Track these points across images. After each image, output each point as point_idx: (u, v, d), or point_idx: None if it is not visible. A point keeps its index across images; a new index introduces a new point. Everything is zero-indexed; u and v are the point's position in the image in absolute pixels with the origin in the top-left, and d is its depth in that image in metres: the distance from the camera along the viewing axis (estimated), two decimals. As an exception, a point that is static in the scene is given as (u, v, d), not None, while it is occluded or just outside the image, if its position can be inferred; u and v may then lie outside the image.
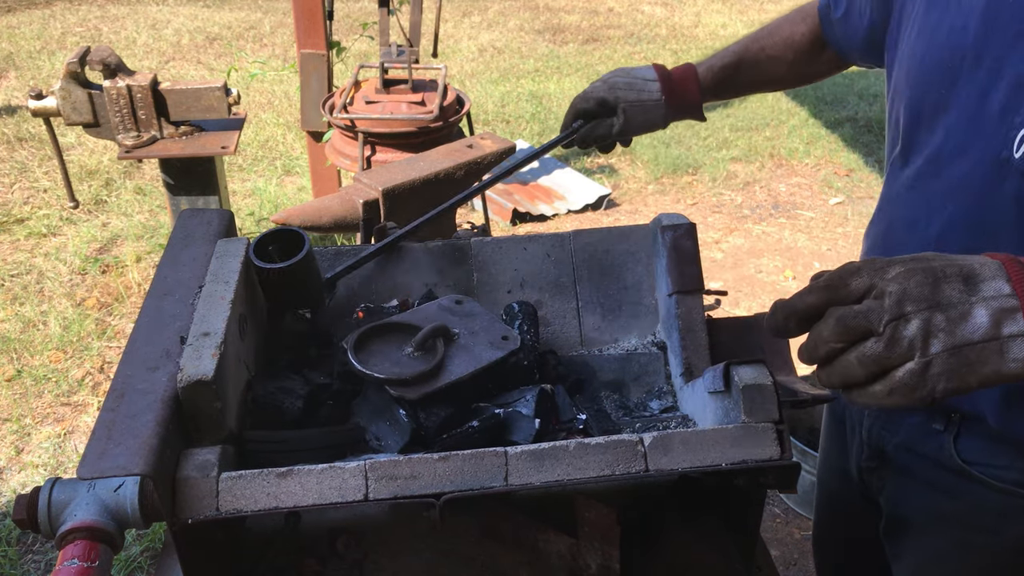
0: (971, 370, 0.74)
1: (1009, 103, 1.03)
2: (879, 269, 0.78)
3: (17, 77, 6.56)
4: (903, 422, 1.33)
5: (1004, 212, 1.06)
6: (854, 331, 0.76)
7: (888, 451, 1.37)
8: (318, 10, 3.75)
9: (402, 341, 1.29)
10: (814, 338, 0.80)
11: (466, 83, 6.88)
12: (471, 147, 2.29)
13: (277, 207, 4.67)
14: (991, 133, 1.06)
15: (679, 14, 9.36)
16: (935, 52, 1.15)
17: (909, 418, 1.31)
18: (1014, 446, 1.19)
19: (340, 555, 1.24)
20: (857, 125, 6.13)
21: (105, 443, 0.97)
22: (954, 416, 1.24)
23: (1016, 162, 1.01)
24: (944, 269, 0.76)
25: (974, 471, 1.23)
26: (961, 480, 1.25)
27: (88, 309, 3.78)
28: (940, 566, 1.33)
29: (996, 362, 0.74)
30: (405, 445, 1.20)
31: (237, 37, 7.87)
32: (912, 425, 1.31)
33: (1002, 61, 1.04)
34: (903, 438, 1.33)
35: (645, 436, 1.08)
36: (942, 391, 0.74)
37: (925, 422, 1.28)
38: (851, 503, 1.52)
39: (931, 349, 0.74)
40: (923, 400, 0.75)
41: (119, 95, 2.88)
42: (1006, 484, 1.21)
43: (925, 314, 0.74)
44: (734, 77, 1.67)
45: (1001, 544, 1.25)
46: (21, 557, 2.63)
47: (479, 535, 1.25)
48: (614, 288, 1.53)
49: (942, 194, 1.16)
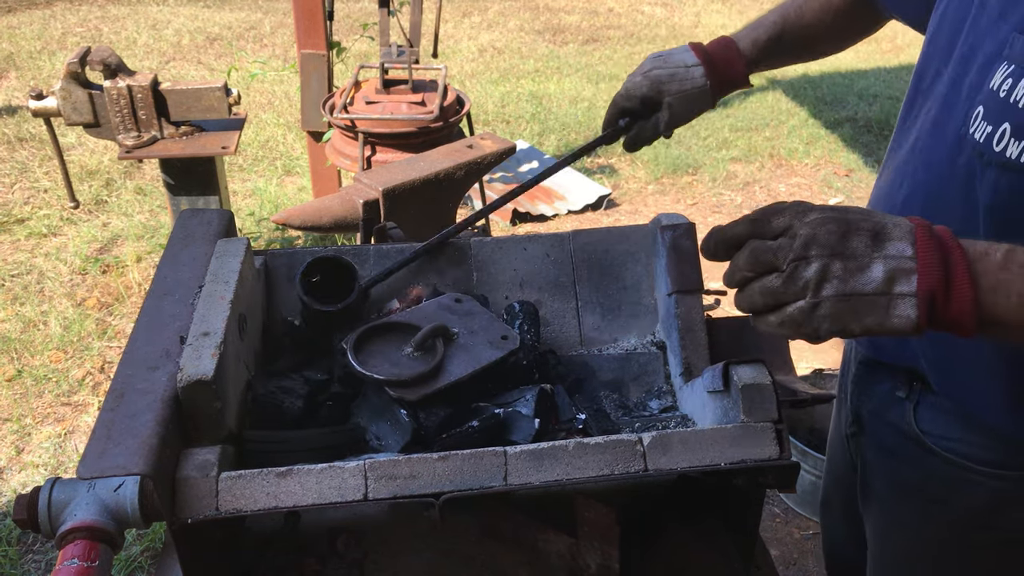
0: (855, 318, 0.81)
1: (975, 82, 1.05)
2: (800, 212, 0.84)
3: (17, 77, 6.56)
4: (875, 389, 1.35)
5: (956, 187, 1.07)
6: (763, 264, 0.84)
7: (864, 417, 1.40)
8: (318, 10, 3.75)
9: (402, 341, 1.29)
10: (733, 265, 0.89)
11: (466, 83, 6.88)
12: (471, 147, 2.29)
13: (277, 207, 4.67)
14: (958, 111, 1.08)
15: (679, 14, 9.36)
16: (943, 25, 1.17)
17: (880, 385, 1.34)
18: (963, 419, 1.21)
19: (340, 555, 1.24)
20: (857, 125, 6.13)
21: (105, 443, 0.97)
22: (915, 385, 1.26)
23: (970, 138, 1.02)
24: (858, 223, 0.83)
25: (928, 441, 1.25)
26: (919, 449, 1.27)
27: (88, 309, 3.78)
28: (901, 532, 1.36)
29: (881, 315, 0.81)
30: (406, 445, 1.20)
31: (237, 37, 7.87)
32: (882, 392, 1.34)
33: (982, 39, 1.06)
34: (875, 404, 1.36)
35: (644, 436, 1.08)
36: (826, 331, 0.82)
37: (891, 390, 1.31)
38: (844, 469, 1.55)
39: (823, 292, 0.81)
40: (808, 336, 0.83)
41: (119, 95, 2.88)
42: (956, 457, 1.23)
43: (826, 260, 0.81)
44: (777, 48, 1.58)
45: (955, 513, 1.27)
46: (21, 557, 2.63)
47: (479, 535, 1.25)
48: (613, 288, 1.53)
49: (913, 167, 1.19)
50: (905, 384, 1.28)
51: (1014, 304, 0.80)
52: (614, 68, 7.37)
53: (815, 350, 3.68)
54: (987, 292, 0.80)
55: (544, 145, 5.67)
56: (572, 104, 6.43)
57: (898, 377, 1.29)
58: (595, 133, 5.92)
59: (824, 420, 3.03)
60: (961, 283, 0.79)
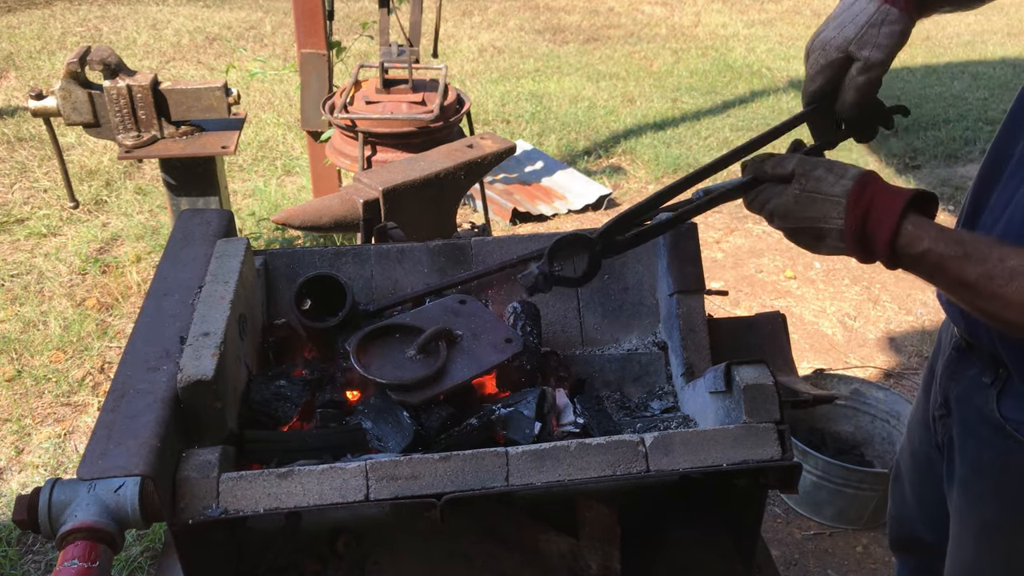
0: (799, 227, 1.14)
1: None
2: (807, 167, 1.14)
3: (17, 77, 6.56)
4: (965, 373, 1.38)
5: None
6: (776, 177, 1.18)
7: (951, 400, 1.42)
8: (318, 10, 3.74)
9: (404, 343, 1.29)
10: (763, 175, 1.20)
11: (466, 83, 6.87)
12: (471, 147, 2.29)
13: (277, 207, 4.67)
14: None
15: (679, 14, 9.36)
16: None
17: (970, 369, 1.36)
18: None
19: (340, 555, 1.24)
20: (857, 125, 6.13)
21: (105, 443, 0.97)
22: (1001, 372, 1.29)
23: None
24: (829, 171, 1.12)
25: (1009, 427, 1.28)
26: (999, 434, 1.30)
27: (88, 309, 3.77)
28: (979, 513, 1.39)
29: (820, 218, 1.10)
30: (407, 446, 1.20)
31: (237, 37, 7.87)
32: (970, 378, 1.36)
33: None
34: (962, 389, 1.39)
35: (646, 436, 1.08)
36: (776, 225, 1.18)
37: (979, 375, 1.34)
38: (923, 449, 1.59)
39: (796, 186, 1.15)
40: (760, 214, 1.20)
41: (119, 95, 2.87)
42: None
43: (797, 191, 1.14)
44: None
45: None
46: (21, 557, 2.63)
47: (480, 535, 1.25)
48: (615, 288, 1.52)
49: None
50: (991, 370, 1.31)
51: (917, 253, 1.04)
52: (614, 67, 7.36)
53: (816, 350, 3.68)
54: (903, 243, 1.05)
55: (544, 145, 5.66)
56: (572, 104, 6.43)
57: (986, 363, 1.32)
58: (595, 132, 5.94)
59: (825, 421, 3.03)
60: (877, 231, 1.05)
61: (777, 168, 1.17)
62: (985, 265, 1.01)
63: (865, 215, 1.06)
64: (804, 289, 4.15)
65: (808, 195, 1.11)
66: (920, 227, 1.05)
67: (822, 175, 1.11)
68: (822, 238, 1.12)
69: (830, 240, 1.11)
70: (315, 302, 1.36)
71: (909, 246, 1.05)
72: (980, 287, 1.02)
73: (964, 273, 1.03)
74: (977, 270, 1.02)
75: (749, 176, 1.20)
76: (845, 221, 1.08)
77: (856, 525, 2.80)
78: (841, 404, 2.99)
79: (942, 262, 1.04)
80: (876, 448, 2.95)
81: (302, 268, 1.47)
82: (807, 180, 1.12)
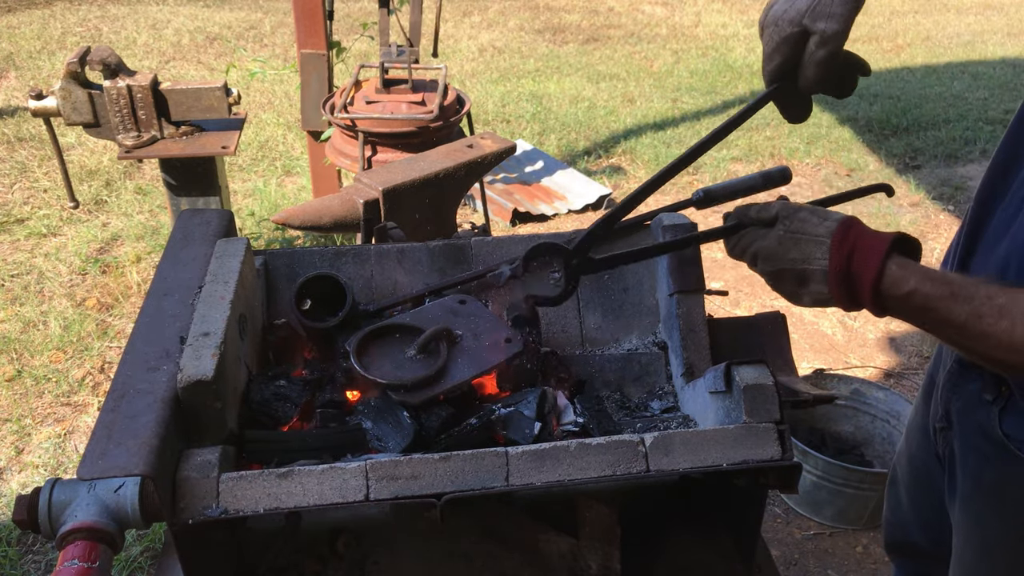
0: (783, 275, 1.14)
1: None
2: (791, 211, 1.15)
3: (17, 77, 6.56)
4: (966, 388, 1.37)
5: None
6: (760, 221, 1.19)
7: (953, 414, 1.41)
8: (318, 10, 3.74)
9: (404, 343, 1.29)
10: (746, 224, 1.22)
11: (466, 83, 6.87)
12: (471, 147, 2.29)
13: (277, 207, 4.67)
14: None
15: (679, 14, 9.36)
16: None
17: (971, 384, 1.35)
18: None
19: (340, 555, 1.24)
20: (858, 125, 6.12)
21: (105, 443, 0.97)
22: (1003, 390, 1.28)
23: None
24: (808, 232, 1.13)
25: (1011, 445, 1.27)
26: (1002, 452, 1.29)
27: (88, 309, 3.77)
28: (982, 529, 1.39)
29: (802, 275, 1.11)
30: (407, 446, 1.20)
31: (237, 37, 7.87)
32: (971, 392, 1.35)
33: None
34: (963, 403, 1.38)
35: (646, 436, 1.08)
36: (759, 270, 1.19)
37: (980, 391, 1.32)
38: (921, 456, 1.59)
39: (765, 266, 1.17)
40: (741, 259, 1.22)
41: (119, 95, 2.87)
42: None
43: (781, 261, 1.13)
44: None
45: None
46: (21, 557, 2.63)
47: (480, 535, 1.25)
48: (615, 288, 1.53)
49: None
50: (993, 387, 1.30)
51: (903, 294, 1.04)
52: (614, 68, 7.36)
53: (816, 350, 3.68)
54: (888, 284, 1.04)
55: (544, 145, 5.66)
56: (572, 104, 6.43)
57: (987, 380, 1.31)
58: (595, 132, 5.94)
59: (825, 421, 3.03)
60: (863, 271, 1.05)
61: (761, 212, 1.18)
62: (972, 304, 1.00)
63: (850, 255, 1.06)
64: (804, 289, 4.15)
65: (792, 236, 1.11)
66: (905, 268, 1.04)
67: (806, 217, 1.12)
68: (806, 281, 1.11)
69: (814, 284, 1.10)
70: (315, 302, 1.36)
71: (894, 287, 1.04)
72: (969, 327, 1.01)
73: (952, 313, 1.02)
74: (965, 309, 1.00)
75: (733, 222, 1.22)
76: (830, 261, 1.07)
77: (856, 525, 2.80)
78: (841, 404, 2.99)
79: (928, 303, 1.03)
80: (876, 448, 2.95)
81: (302, 268, 1.47)
82: (791, 222, 1.12)
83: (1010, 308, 0.98)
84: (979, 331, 1.00)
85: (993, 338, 1.00)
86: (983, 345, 1.02)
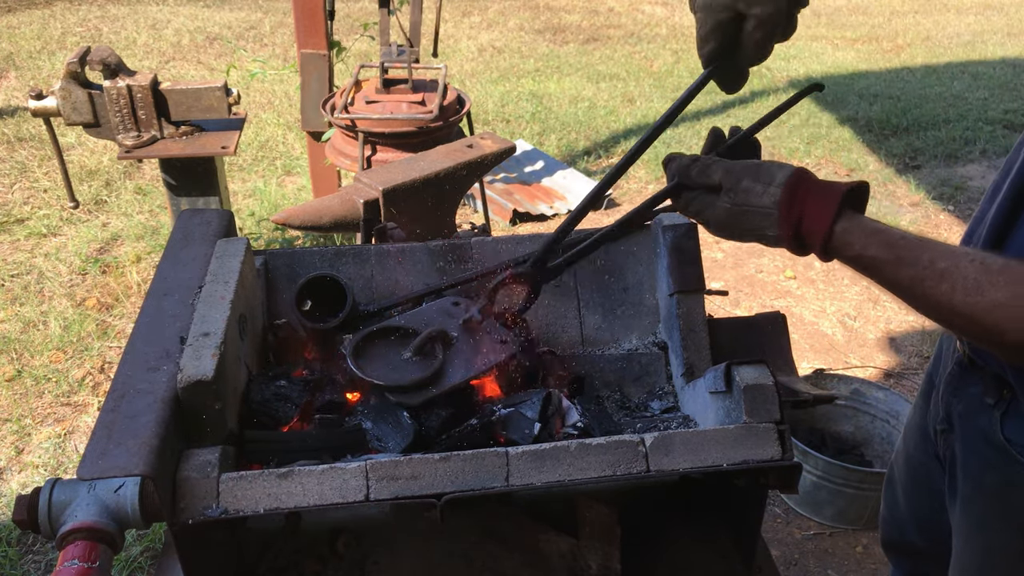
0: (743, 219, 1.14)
1: None
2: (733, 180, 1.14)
3: (17, 77, 6.56)
4: (967, 391, 1.37)
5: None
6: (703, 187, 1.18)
7: (954, 417, 1.41)
8: (318, 10, 3.74)
9: (401, 344, 1.29)
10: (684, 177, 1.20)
11: (466, 83, 6.87)
12: (471, 147, 2.29)
13: (277, 207, 4.67)
14: None
15: (679, 14, 9.36)
16: None
17: (972, 387, 1.35)
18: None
19: (340, 555, 1.24)
20: (858, 125, 6.12)
21: (105, 443, 0.97)
22: (1005, 393, 1.28)
23: None
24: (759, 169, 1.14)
25: (1012, 450, 1.27)
26: (1003, 456, 1.29)
27: (88, 309, 3.77)
28: (983, 533, 1.39)
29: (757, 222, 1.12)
30: (408, 446, 1.20)
31: (237, 37, 7.87)
32: (972, 396, 1.35)
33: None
34: (964, 407, 1.38)
35: (646, 436, 1.08)
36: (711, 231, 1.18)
37: (981, 395, 1.33)
38: (919, 456, 1.59)
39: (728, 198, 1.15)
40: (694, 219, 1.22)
41: (119, 95, 2.87)
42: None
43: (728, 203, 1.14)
44: None
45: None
46: (21, 557, 2.63)
47: (480, 535, 1.24)
48: (615, 288, 1.52)
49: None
50: (995, 391, 1.30)
51: (850, 256, 1.06)
52: (614, 68, 7.36)
53: (816, 350, 3.68)
54: (836, 244, 1.06)
55: (544, 145, 5.66)
56: (572, 104, 6.43)
57: (988, 383, 1.31)
58: (595, 132, 5.94)
59: (825, 421, 3.03)
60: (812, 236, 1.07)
61: (702, 177, 1.17)
62: (916, 268, 1.03)
63: (798, 223, 1.08)
64: (804, 289, 4.15)
65: (739, 208, 1.12)
66: (851, 232, 1.06)
67: (749, 186, 1.11)
68: (763, 241, 1.14)
69: (770, 243, 1.13)
70: (315, 302, 1.36)
71: (843, 248, 1.07)
72: (913, 289, 1.04)
73: (897, 276, 1.05)
74: (908, 273, 1.03)
75: (675, 182, 1.20)
76: (780, 230, 1.09)
77: (856, 525, 2.80)
78: (841, 404, 2.99)
79: (875, 264, 1.06)
80: (876, 448, 2.95)
81: (302, 268, 1.47)
82: (736, 193, 1.12)
83: (951, 272, 1.00)
84: (921, 294, 1.03)
85: (934, 300, 1.02)
86: (926, 307, 1.05)
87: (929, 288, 1.02)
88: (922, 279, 1.02)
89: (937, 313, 1.04)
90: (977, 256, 1.01)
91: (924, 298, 1.03)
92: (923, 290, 1.03)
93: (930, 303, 1.03)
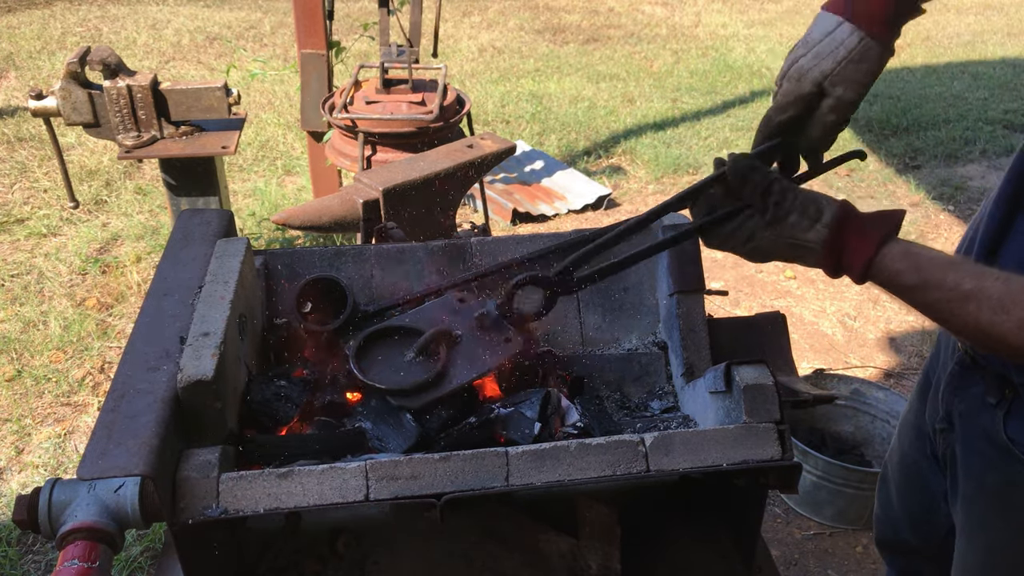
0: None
1: None
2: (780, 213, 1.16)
3: (17, 77, 6.56)
4: (969, 390, 1.37)
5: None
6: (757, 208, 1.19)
7: (954, 416, 1.42)
8: (318, 10, 3.74)
9: (404, 345, 1.28)
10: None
11: (466, 83, 6.87)
12: (471, 147, 2.29)
13: (277, 207, 4.67)
14: None
15: (679, 14, 9.36)
16: None
17: (974, 387, 1.36)
18: None
19: (340, 555, 1.24)
20: (858, 125, 6.12)
21: (105, 443, 0.97)
22: (1007, 393, 1.28)
23: None
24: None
25: (1015, 449, 1.27)
26: (1005, 456, 1.29)
27: (88, 309, 3.77)
28: (985, 532, 1.39)
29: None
30: (410, 447, 1.19)
31: (237, 37, 7.87)
32: (974, 395, 1.36)
33: None
34: (966, 406, 1.38)
35: (646, 436, 1.08)
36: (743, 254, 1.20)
37: (983, 394, 1.33)
38: (914, 455, 1.60)
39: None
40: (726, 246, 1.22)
41: (119, 95, 2.87)
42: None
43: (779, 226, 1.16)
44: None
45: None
46: (21, 557, 2.63)
47: (480, 535, 1.24)
48: (615, 288, 1.53)
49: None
50: (997, 390, 1.31)
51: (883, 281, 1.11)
52: (614, 68, 7.36)
53: (816, 350, 3.68)
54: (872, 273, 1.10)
55: (544, 145, 5.66)
56: (572, 104, 6.43)
57: (991, 382, 1.32)
58: (595, 133, 5.94)
59: (825, 421, 3.03)
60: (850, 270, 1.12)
61: (778, 210, 1.17)
62: (942, 290, 1.06)
63: (838, 261, 1.13)
64: (804, 289, 4.15)
65: (784, 241, 1.16)
66: (884, 259, 1.10)
67: (796, 221, 1.14)
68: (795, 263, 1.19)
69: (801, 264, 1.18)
70: (316, 303, 1.36)
71: (876, 276, 1.12)
72: (941, 312, 1.08)
73: (926, 299, 1.09)
74: (935, 295, 1.07)
75: (732, 207, 1.21)
76: (820, 264, 1.15)
77: (856, 525, 2.80)
78: (841, 404, 2.99)
79: (905, 288, 1.10)
80: (876, 448, 2.95)
81: (302, 268, 1.47)
82: (782, 227, 1.15)
83: (976, 293, 1.03)
84: (950, 315, 1.07)
85: (961, 321, 1.05)
86: (956, 328, 1.08)
87: (956, 309, 1.05)
88: (948, 300, 1.05)
89: (968, 334, 1.07)
90: (1002, 275, 1.03)
91: (953, 319, 1.06)
92: (951, 312, 1.06)
93: (959, 324, 1.06)
